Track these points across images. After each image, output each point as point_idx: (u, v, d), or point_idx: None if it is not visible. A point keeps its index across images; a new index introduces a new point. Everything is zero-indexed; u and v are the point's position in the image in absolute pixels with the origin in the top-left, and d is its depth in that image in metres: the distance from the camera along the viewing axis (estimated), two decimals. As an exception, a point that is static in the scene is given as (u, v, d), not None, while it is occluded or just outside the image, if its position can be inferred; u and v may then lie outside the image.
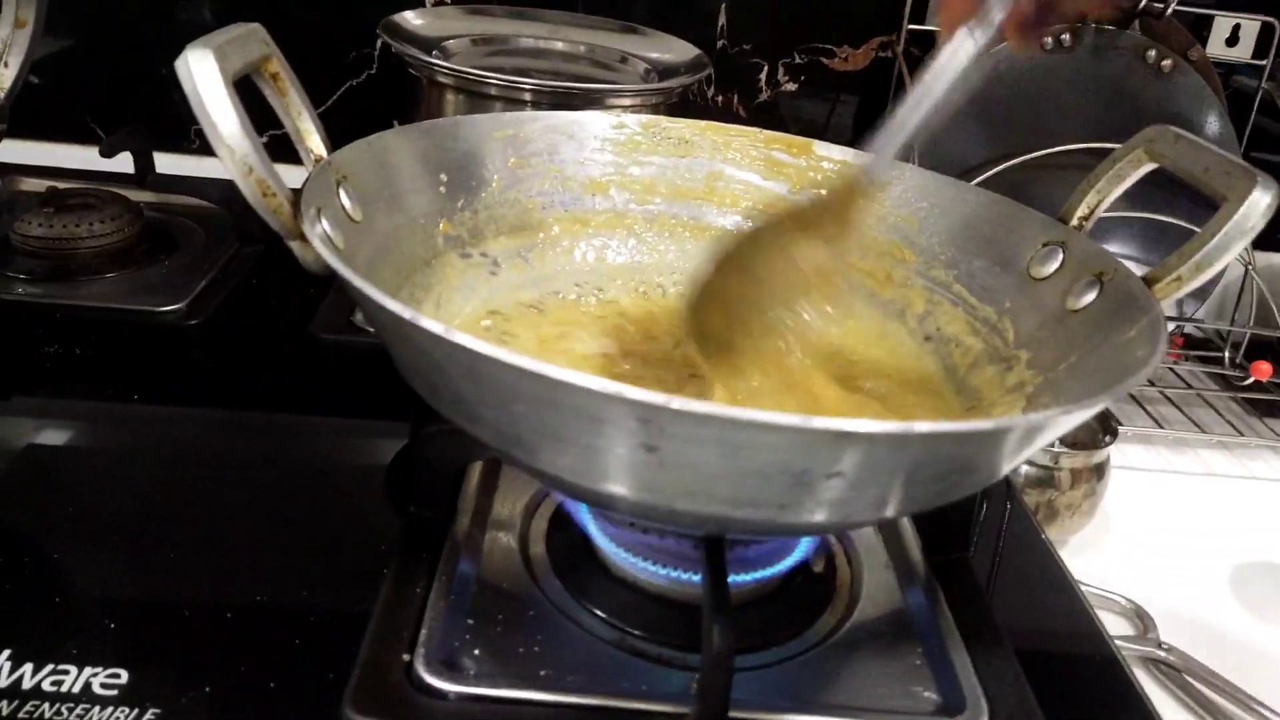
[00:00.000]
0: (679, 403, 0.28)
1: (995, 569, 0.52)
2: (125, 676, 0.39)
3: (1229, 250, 0.41)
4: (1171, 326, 0.91)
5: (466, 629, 0.42)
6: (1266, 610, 0.64)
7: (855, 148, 0.56)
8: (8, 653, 0.39)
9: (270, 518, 0.50)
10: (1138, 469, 0.77)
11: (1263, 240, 0.41)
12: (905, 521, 0.51)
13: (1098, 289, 0.44)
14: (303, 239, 0.37)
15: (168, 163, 0.84)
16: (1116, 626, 0.60)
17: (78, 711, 0.37)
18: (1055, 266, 0.47)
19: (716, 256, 0.45)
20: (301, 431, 0.58)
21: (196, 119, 0.34)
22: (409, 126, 0.49)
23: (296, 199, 0.38)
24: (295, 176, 0.38)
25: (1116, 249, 0.88)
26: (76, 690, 0.38)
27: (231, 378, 0.63)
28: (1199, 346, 0.95)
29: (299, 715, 0.39)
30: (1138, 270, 0.44)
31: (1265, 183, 0.40)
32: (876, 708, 0.41)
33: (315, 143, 0.43)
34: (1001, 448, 0.34)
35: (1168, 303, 0.42)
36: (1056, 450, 0.66)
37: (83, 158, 0.84)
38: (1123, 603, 0.62)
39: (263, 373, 0.64)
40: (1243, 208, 0.40)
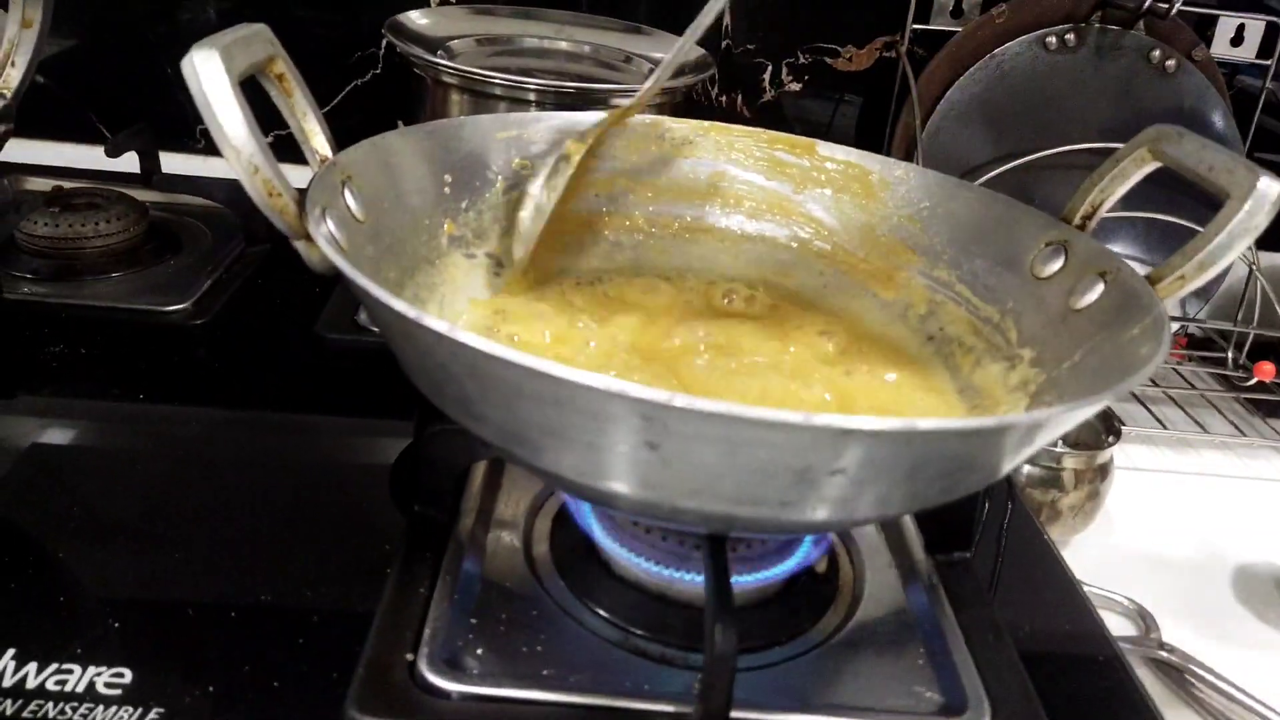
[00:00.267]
0: (682, 400, 0.28)
1: (998, 569, 0.52)
2: (129, 676, 0.39)
3: (1232, 249, 0.41)
4: (1175, 327, 0.91)
5: (470, 628, 0.42)
6: (1269, 611, 0.64)
7: (860, 149, 0.56)
8: (12, 652, 0.40)
9: (274, 517, 0.50)
10: (1141, 469, 0.77)
11: (1267, 240, 0.41)
12: (908, 521, 0.51)
13: (1101, 288, 0.44)
14: (308, 239, 0.37)
15: (173, 162, 0.85)
16: (1119, 626, 0.60)
17: (82, 711, 0.38)
18: (1058, 266, 0.47)
19: None
20: (306, 431, 0.58)
21: (202, 119, 0.34)
22: (414, 127, 0.49)
23: (302, 199, 0.38)
24: (300, 176, 0.38)
25: (1120, 248, 0.88)
26: (80, 690, 0.38)
27: (236, 377, 0.63)
28: (1202, 347, 0.95)
29: (302, 714, 0.39)
30: (1141, 270, 0.44)
31: (1269, 181, 0.40)
32: (879, 708, 0.41)
33: (320, 143, 0.43)
34: (1004, 445, 0.34)
35: (1171, 302, 0.42)
36: (1059, 450, 0.66)
37: (88, 157, 0.85)
38: (1125, 603, 0.62)
39: (267, 372, 0.64)
40: (1246, 207, 0.40)
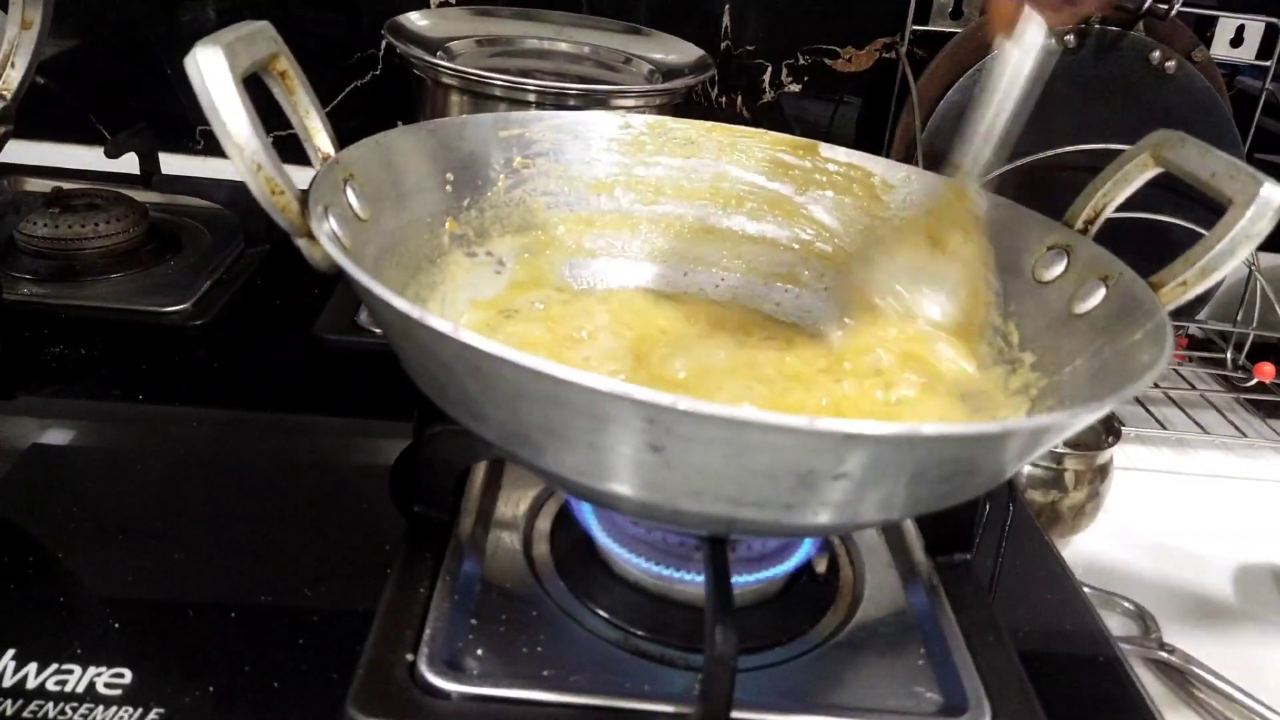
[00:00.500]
0: (685, 403, 0.28)
1: (998, 570, 0.52)
2: (129, 676, 0.39)
3: (1235, 255, 0.41)
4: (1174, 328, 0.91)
5: (470, 629, 0.42)
6: (1269, 611, 0.64)
7: (860, 149, 0.56)
8: (12, 652, 0.40)
9: (274, 517, 0.50)
10: (1141, 470, 0.77)
11: (1267, 242, 0.41)
12: (908, 522, 0.51)
13: (1103, 292, 0.44)
14: (310, 237, 0.37)
15: (173, 163, 0.85)
16: (1119, 627, 0.60)
17: (82, 711, 0.37)
18: (1060, 270, 0.47)
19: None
20: (306, 432, 0.58)
21: (203, 118, 0.34)
22: (416, 125, 0.49)
23: (304, 197, 0.38)
24: (302, 176, 0.38)
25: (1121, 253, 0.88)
26: (81, 690, 0.38)
27: (236, 378, 0.63)
28: (1202, 348, 0.95)
29: (302, 715, 0.39)
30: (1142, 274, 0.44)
31: (1272, 188, 0.40)
32: (879, 708, 0.41)
33: (323, 141, 0.43)
34: (1007, 450, 0.34)
35: (1172, 307, 0.42)
36: (1060, 451, 0.66)
37: (88, 158, 0.85)
38: (1125, 604, 0.62)
39: (267, 373, 0.64)
40: (1249, 213, 0.40)
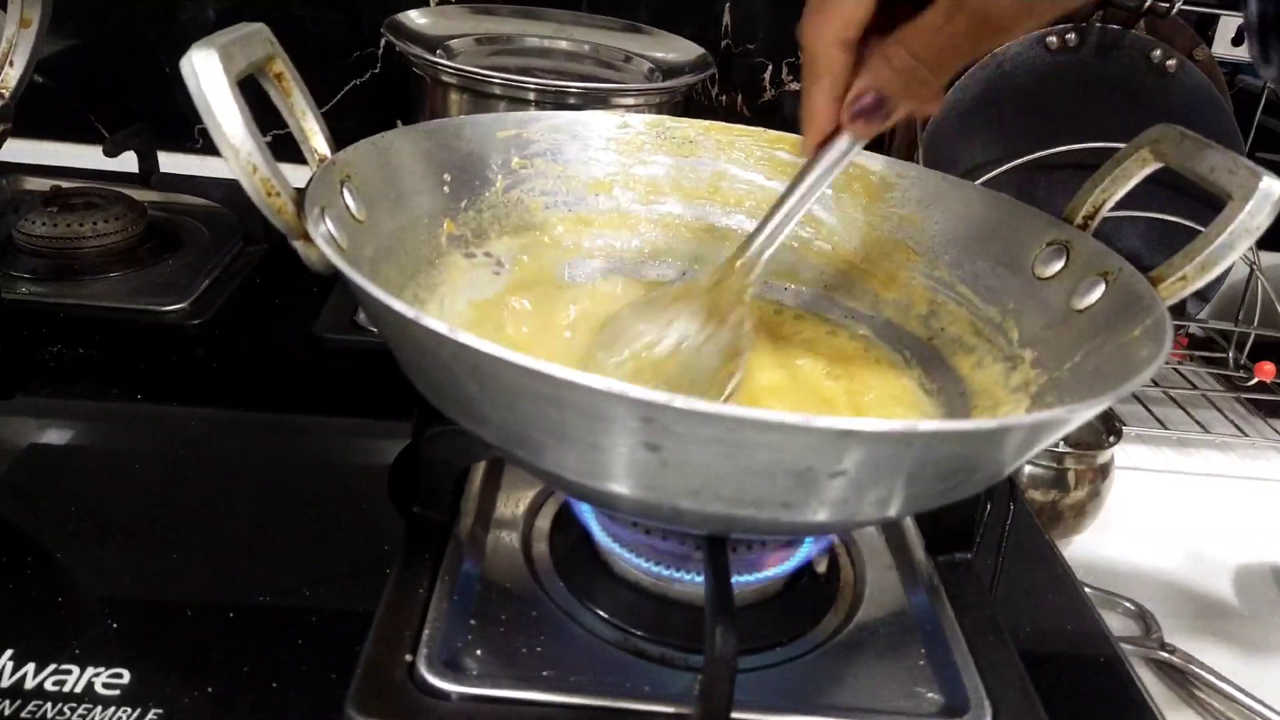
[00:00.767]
0: (682, 401, 0.28)
1: (998, 569, 0.52)
2: (128, 676, 0.39)
3: (1234, 249, 0.41)
4: (1175, 326, 0.91)
5: (469, 629, 0.42)
6: (1269, 611, 0.64)
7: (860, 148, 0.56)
8: (10, 653, 0.39)
9: (273, 518, 0.50)
10: (1141, 469, 0.77)
11: (1268, 240, 0.41)
12: (908, 522, 0.51)
13: (1102, 289, 0.44)
14: (307, 239, 0.37)
15: (172, 162, 0.85)
16: (1120, 627, 0.60)
17: (80, 711, 0.37)
18: (1060, 266, 0.47)
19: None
20: (304, 431, 0.58)
21: (200, 118, 0.34)
22: (413, 126, 0.49)
23: (300, 198, 0.38)
24: (299, 176, 0.38)
25: (1121, 248, 0.87)
26: (79, 690, 0.38)
27: (235, 377, 0.63)
28: (1203, 347, 0.95)
29: (301, 715, 0.39)
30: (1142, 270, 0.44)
31: (1271, 182, 0.40)
32: (880, 709, 0.41)
33: (319, 142, 0.43)
34: (1005, 447, 0.34)
35: (1172, 302, 0.42)
36: (1060, 451, 0.66)
37: (87, 157, 0.85)
38: (1126, 603, 0.62)
39: (266, 373, 0.64)
40: (1248, 207, 0.40)
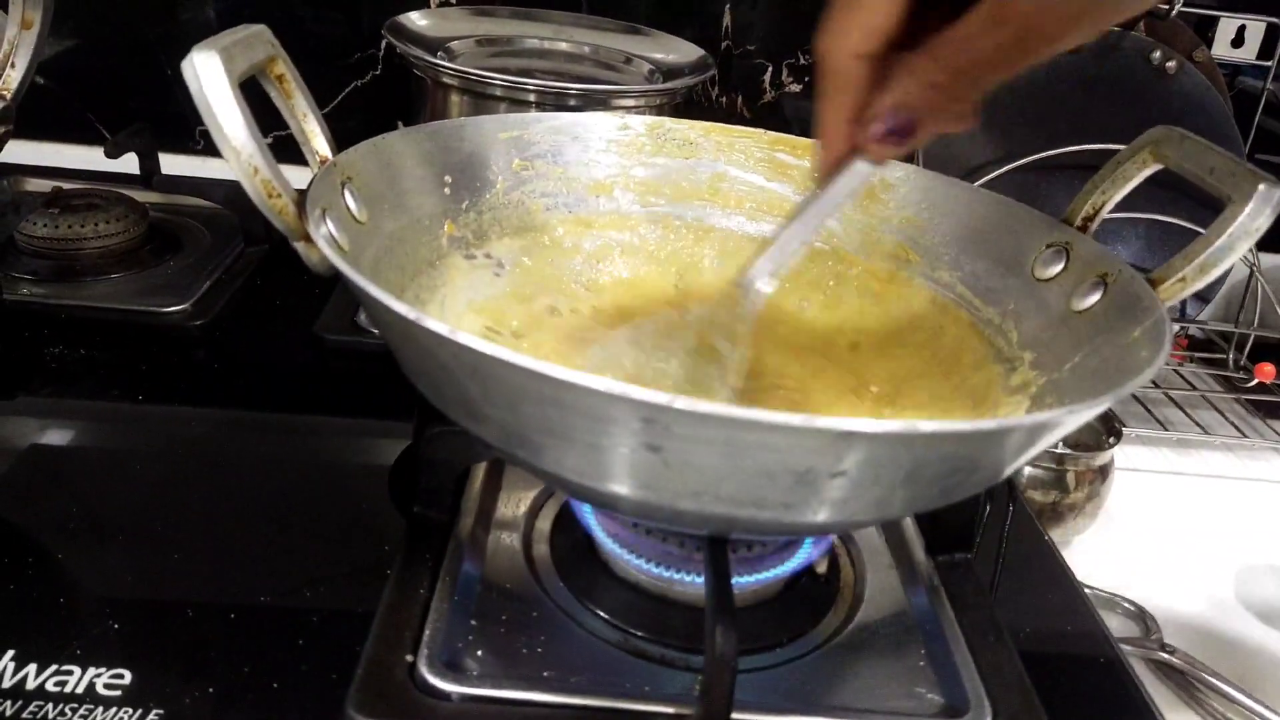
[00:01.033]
0: (683, 402, 0.28)
1: (998, 570, 0.52)
2: (129, 677, 0.39)
3: (1234, 251, 0.41)
4: (1175, 328, 0.91)
5: (470, 630, 0.42)
6: (1270, 612, 0.64)
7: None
8: (12, 653, 0.40)
9: (274, 517, 0.50)
10: (1141, 470, 0.77)
11: (1268, 242, 0.41)
12: (908, 522, 0.51)
13: (1102, 290, 0.44)
14: (308, 240, 0.37)
15: (173, 163, 0.85)
16: (1120, 628, 0.60)
17: (81, 712, 0.38)
18: (1059, 268, 0.47)
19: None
20: (305, 432, 0.58)
21: (202, 120, 0.34)
22: (414, 128, 0.49)
23: (301, 200, 0.38)
24: (300, 178, 0.38)
25: (1121, 250, 0.88)
26: (80, 691, 0.38)
27: (236, 378, 0.63)
28: (1203, 348, 0.95)
29: (302, 715, 0.39)
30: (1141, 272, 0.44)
31: (1270, 184, 0.40)
32: (880, 709, 0.41)
33: (320, 144, 0.43)
34: (1005, 448, 0.34)
35: (1172, 304, 0.42)
36: (1060, 452, 0.66)
37: (88, 158, 0.85)
38: (1126, 604, 0.62)
39: (267, 373, 0.64)
40: (1248, 209, 0.40)
